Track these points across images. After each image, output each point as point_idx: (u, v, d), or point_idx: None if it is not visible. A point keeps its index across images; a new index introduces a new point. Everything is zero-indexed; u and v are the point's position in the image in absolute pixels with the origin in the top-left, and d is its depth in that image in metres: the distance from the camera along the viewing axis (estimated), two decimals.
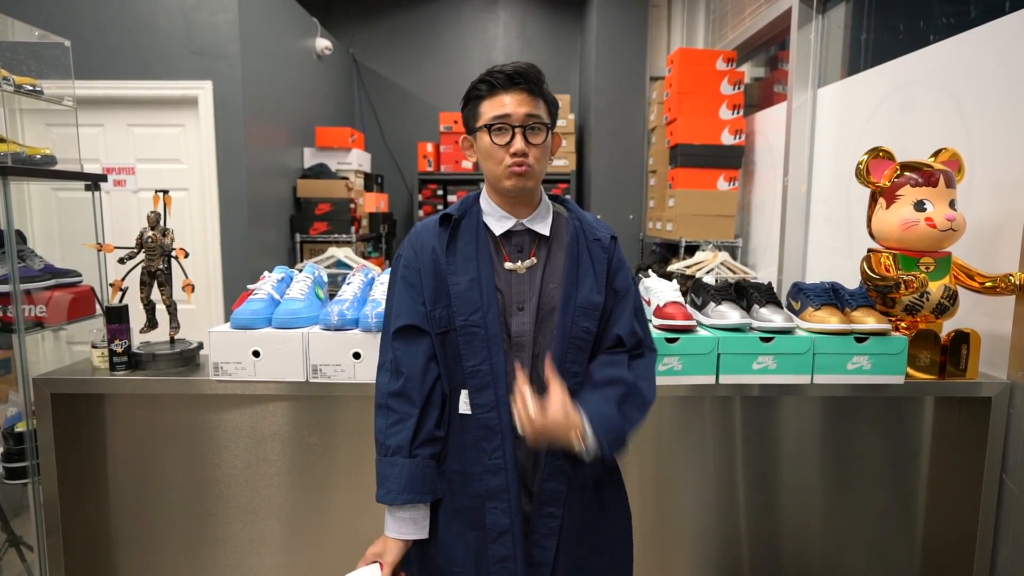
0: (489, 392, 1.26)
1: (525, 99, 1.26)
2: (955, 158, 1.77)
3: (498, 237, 1.33)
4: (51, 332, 2.42)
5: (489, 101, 1.27)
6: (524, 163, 1.25)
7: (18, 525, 2.44)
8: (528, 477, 1.30)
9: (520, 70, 1.26)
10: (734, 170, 3.79)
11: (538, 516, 1.29)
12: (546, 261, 1.32)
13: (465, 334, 1.27)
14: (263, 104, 4.02)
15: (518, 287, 1.30)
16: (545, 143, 1.28)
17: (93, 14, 3.58)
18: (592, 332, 1.30)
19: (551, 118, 1.31)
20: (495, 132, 1.26)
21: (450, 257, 1.30)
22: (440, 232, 1.33)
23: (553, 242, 1.34)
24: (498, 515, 1.27)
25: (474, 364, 1.26)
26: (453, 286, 1.28)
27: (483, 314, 1.26)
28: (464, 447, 1.29)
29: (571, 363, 1.29)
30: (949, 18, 2.23)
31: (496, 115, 1.25)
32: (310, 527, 1.92)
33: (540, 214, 1.35)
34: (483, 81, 1.28)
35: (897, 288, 1.69)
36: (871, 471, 1.95)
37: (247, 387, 1.71)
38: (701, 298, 1.86)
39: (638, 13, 4.79)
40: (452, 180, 5.39)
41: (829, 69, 3.02)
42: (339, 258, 3.72)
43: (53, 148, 2.41)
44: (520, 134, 1.25)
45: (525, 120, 1.25)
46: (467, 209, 1.36)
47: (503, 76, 1.25)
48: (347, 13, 5.80)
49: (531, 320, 1.29)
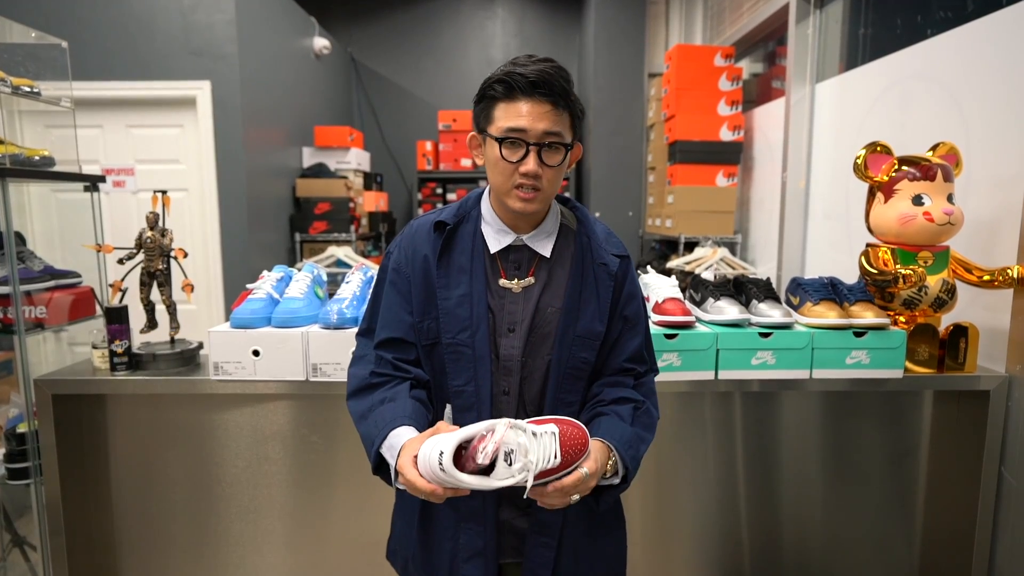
0: (472, 414, 1.18)
1: (547, 112, 1.11)
2: (953, 152, 1.78)
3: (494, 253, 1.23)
4: (52, 333, 2.43)
5: (505, 106, 1.12)
6: (535, 186, 1.13)
7: (21, 526, 2.45)
8: (515, 493, 1.20)
9: (545, 77, 1.10)
10: (733, 166, 3.79)
11: (533, 546, 1.24)
12: (546, 283, 1.22)
13: (451, 352, 1.19)
14: (262, 104, 4.02)
15: (511, 307, 1.21)
16: (562, 164, 1.15)
17: (91, 15, 3.58)
18: (590, 363, 1.22)
19: (574, 131, 1.17)
20: (507, 146, 1.12)
21: (441, 269, 1.20)
22: (434, 239, 1.22)
23: (555, 262, 1.23)
24: (472, 536, 1.22)
25: (459, 384, 1.19)
26: (442, 301, 1.19)
27: (471, 333, 1.18)
28: None
29: (565, 393, 1.21)
30: (946, 12, 2.23)
31: (511, 127, 1.11)
32: (311, 525, 1.93)
33: (545, 229, 1.24)
34: (501, 81, 1.12)
35: (895, 282, 1.69)
36: (870, 465, 1.95)
37: (247, 386, 1.71)
38: (700, 294, 1.87)
39: (636, 9, 4.79)
40: (451, 178, 5.40)
41: (827, 64, 3.02)
42: (339, 257, 3.72)
43: (52, 149, 2.41)
44: (535, 153, 1.11)
45: (543, 138, 1.11)
46: (466, 213, 1.25)
47: (524, 81, 1.10)
48: (345, 12, 5.80)
49: (520, 343, 1.20)
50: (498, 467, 0.99)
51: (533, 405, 1.22)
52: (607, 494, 1.17)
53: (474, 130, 1.22)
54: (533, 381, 1.21)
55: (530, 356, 1.21)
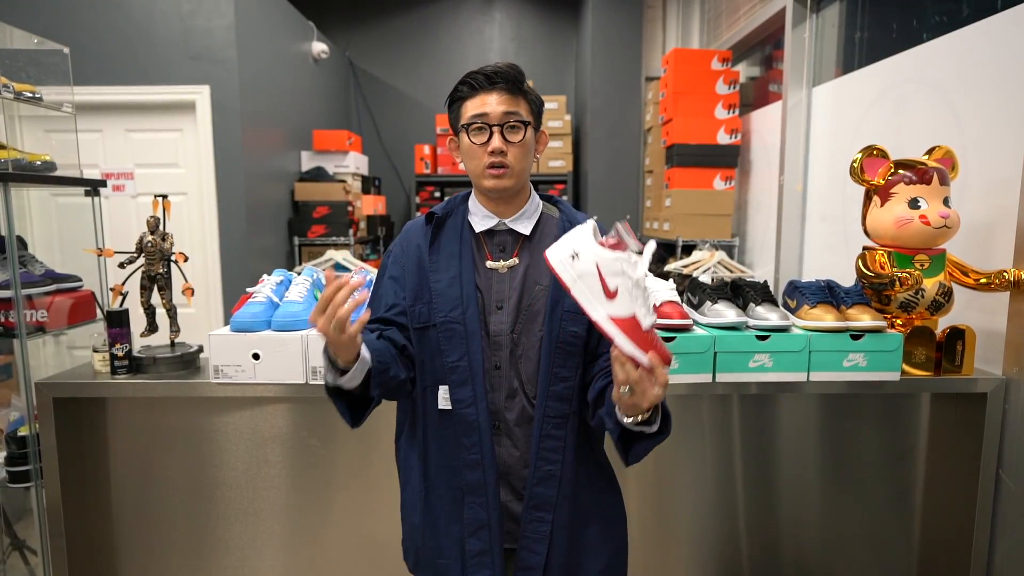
0: (468, 388, 1.27)
1: (504, 98, 1.27)
2: (948, 156, 1.79)
3: (480, 236, 1.34)
4: (52, 337, 2.43)
5: (470, 102, 1.29)
6: (502, 162, 1.26)
7: (21, 529, 2.45)
8: (513, 474, 1.30)
9: (499, 70, 1.27)
10: (730, 169, 3.80)
11: (528, 520, 1.29)
12: (529, 262, 1.32)
13: (445, 330, 1.28)
14: (260, 108, 4.03)
15: (498, 286, 1.31)
16: (525, 140, 1.28)
17: (91, 21, 3.59)
18: (581, 337, 1.28)
19: (533, 116, 1.31)
20: (474, 132, 1.27)
21: (433, 255, 1.32)
22: (426, 230, 1.35)
23: (537, 243, 1.33)
24: (476, 509, 1.28)
25: (453, 360, 1.27)
26: (434, 283, 1.30)
27: (462, 311, 1.28)
28: (444, 440, 1.30)
29: (559, 367, 1.28)
30: (941, 16, 2.24)
31: (474, 114, 1.27)
32: (311, 528, 1.93)
33: (525, 214, 1.35)
34: (464, 83, 1.30)
35: (892, 285, 1.70)
36: (868, 467, 1.96)
37: (247, 389, 1.72)
38: (697, 297, 1.87)
39: (633, 13, 4.81)
40: (449, 182, 5.41)
41: (823, 68, 3.03)
42: (337, 260, 3.72)
43: (52, 154, 2.42)
44: (498, 132, 1.26)
45: (503, 118, 1.26)
46: (453, 208, 1.38)
47: (482, 77, 1.27)
48: (343, 17, 5.82)
49: (509, 320, 1.29)
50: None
51: (530, 381, 1.29)
52: (639, 445, 1.17)
53: (452, 134, 1.37)
54: (528, 359, 1.29)
55: (523, 334, 1.29)
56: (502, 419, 1.30)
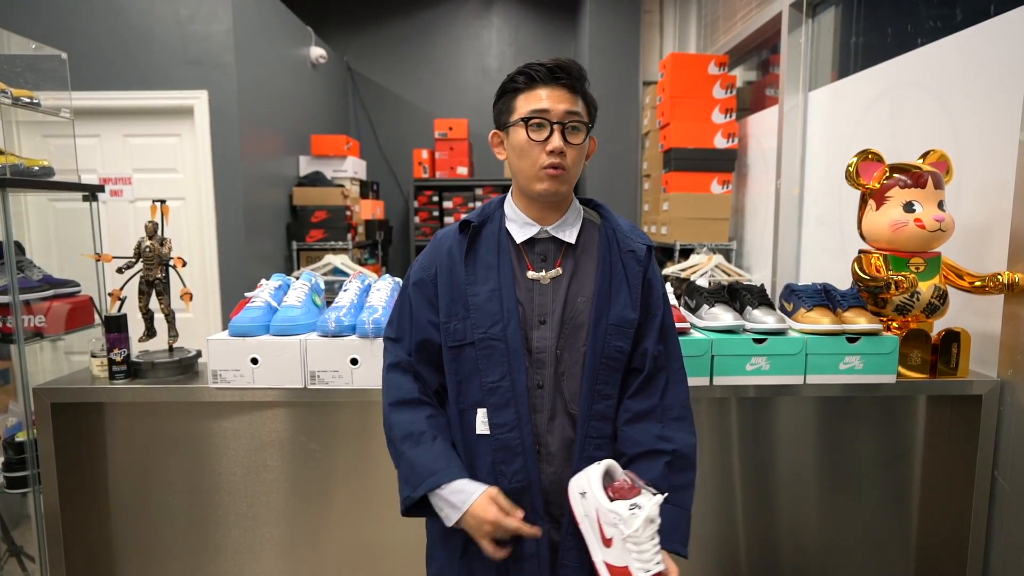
0: (510, 410, 1.18)
1: (565, 95, 1.19)
2: (943, 159, 1.80)
3: (520, 245, 1.25)
4: (50, 342, 2.43)
5: (526, 95, 1.20)
6: (561, 164, 1.18)
7: (19, 535, 2.44)
8: (552, 503, 1.22)
9: (562, 64, 1.19)
10: (727, 173, 3.81)
11: (566, 549, 1.22)
12: (573, 272, 1.24)
13: (484, 347, 1.19)
14: (258, 113, 4.03)
15: (540, 299, 1.23)
16: (583, 144, 1.21)
17: (89, 26, 3.60)
18: (626, 352, 1.22)
19: (591, 119, 1.24)
20: (532, 127, 1.18)
21: (469, 267, 1.23)
22: (460, 239, 1.25)
23: (581, 252, 1.26)
24: (527, 541, 1.19)
25: (494, 380, 1.19)
26: (472, 297, 1.20)
27: (503, 327, 1.18)
28: (479, 470, 1.21)
29: (603, 384, 1.21)
30: (936, 21, 2.26)
31: (534, 109, 1.18)
32: (309, 533, 1.93)
33: (568, 221, 1.27)
34: (521, 73, 1.20)
35: (888, 288, 1.71)
36: (865, 470, 1.96)
37: (245, 394, 1.72)
38: (695, 301, 1.88)
39: (630, 18, 4.82)
40: (447, 186, 5.42)
41: (819, 72, 3.05)
42: (336, 265, 3.73)
43: (50, 159, 2.42)
44: (559, 131, 1.17)
45: (564, 117, 1.18)
46: (489, 215, 1.29)
47: (544, 70, 1.18)
48: (341, 22, 5.83)
49: (553, 335, 1.21)
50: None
51: (573, 400, 1.22)
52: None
53: (496, 128, 1.28)
54: (572, 376, 1.22)
55: (566, 349, 1.22)
56: (543, 443, 1.22)
